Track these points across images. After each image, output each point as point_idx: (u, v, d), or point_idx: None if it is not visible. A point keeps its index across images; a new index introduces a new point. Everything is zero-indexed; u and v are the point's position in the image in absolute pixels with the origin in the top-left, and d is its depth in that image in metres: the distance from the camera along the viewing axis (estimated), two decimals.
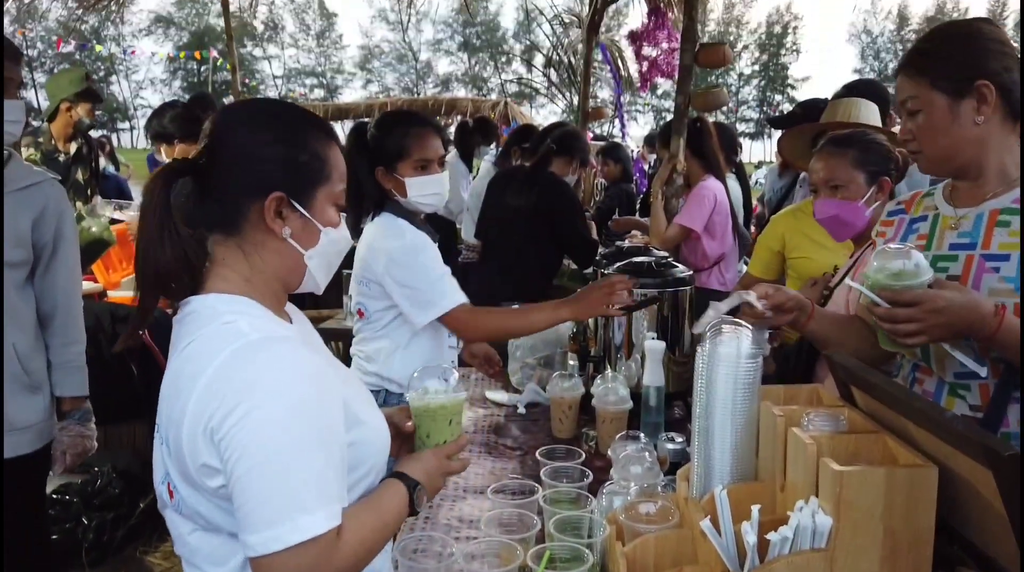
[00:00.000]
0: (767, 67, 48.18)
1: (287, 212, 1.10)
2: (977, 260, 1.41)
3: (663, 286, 2.14)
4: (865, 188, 1.89)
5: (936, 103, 1.42)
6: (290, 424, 0.98)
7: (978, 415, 1.41)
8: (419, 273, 2.00)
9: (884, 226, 1.64)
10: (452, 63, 50.00)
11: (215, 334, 1.04)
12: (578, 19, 6.39)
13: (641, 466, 1.52)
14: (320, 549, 0.97)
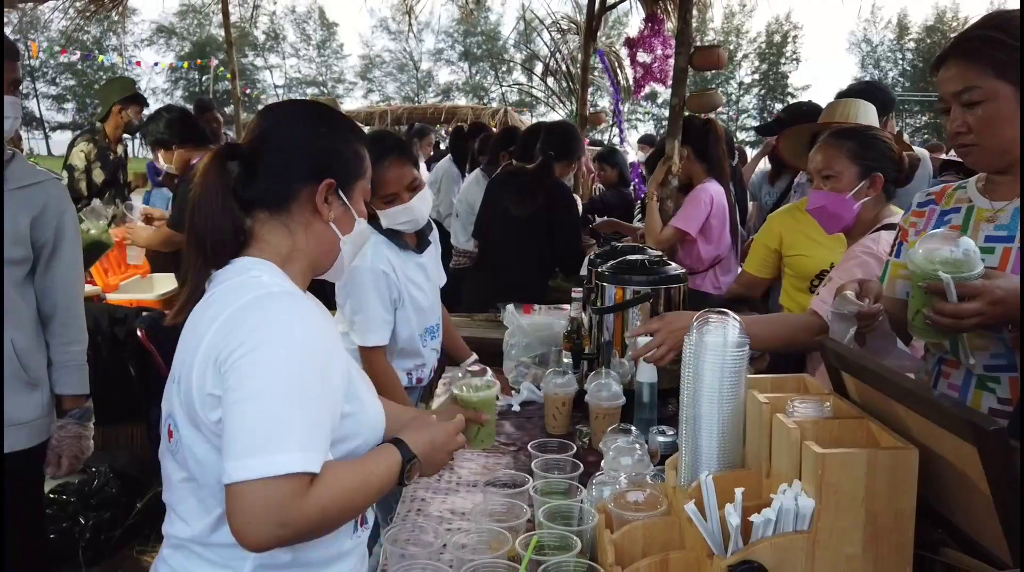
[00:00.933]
0: (767, 76, 48.35)
1: (332, 198, 1.21)
2: (1015, 253, 1.40)
3: (656, 284, 2.16)
4: (856, 181, 1.90)
5: (1002, 93, 1.35)
6: (292, 368, 1.04)
7: (1007, 408, 1.39)
8: (355, 301, 2.15)
9: (915, 217, 1.61)
10: (453, 72, 50.24)
11: (239, 284, 1.13)
12: (576, 26, 6.42)
13: (631, 457, 1.53)
14: (290, 489, 0.99)
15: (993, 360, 1.41)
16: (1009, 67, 1.34)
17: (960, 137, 1.41)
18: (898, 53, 47.53)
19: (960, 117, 1.39)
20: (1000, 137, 1.37)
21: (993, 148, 1.39)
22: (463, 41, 48.67)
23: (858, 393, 1.24)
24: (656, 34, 4.87)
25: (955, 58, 1.39)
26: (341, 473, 1.08)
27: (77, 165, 4.24)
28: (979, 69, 1.36)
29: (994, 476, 0.92)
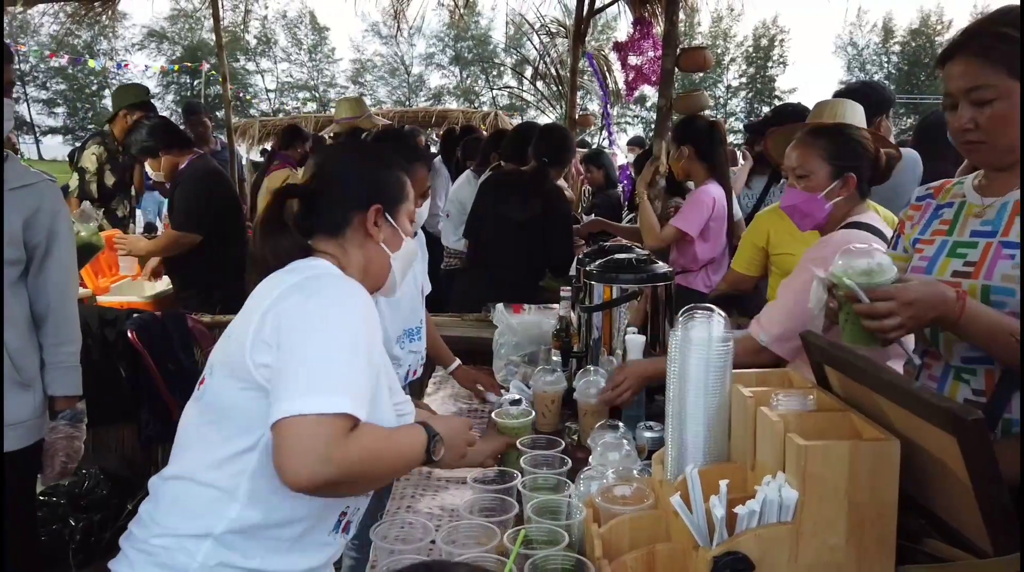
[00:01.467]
0: (754, 79, 48.58)
1: (380, 222, 1.37)
2: (995, 246, 1.41)
3: (643, 282, 2.17)
4: (828, 181, 1.90)
5: (1014, 93, 1.34)
6: (353, 324, 1.18)
7: (982, 400, 1.40)
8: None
9: (912, 210, 1.61)
10: (444, 76, 50.23)
11: (300, 267, 1.29)
12: (565, 29, 6.45)
13: (619, 453, 1.54)
14: (339, 428, 1.09)
15: (970, 352, 1.41)
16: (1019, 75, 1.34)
17: (967, 134, 1.39)
18: (883, 56, 47.84)
19: (968, 114, 1.37)
20: (1009, 136, 1.37)
21: (1000, 146, 1.39)
22: (454, 45, 48.68)
23: (841, 386, 1.26)
24: (645, 37, 4.89)
25: (968, 54, 1.37)
26: (378, 430, 1.20)
27: (88, 168, 4.32)
28: (993, 67, 1.34)
29: (973, 465, 0.93)
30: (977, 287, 1.40)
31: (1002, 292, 1.38)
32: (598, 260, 2.31)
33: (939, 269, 1.47)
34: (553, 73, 7.09)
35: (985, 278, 1.39)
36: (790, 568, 1.02)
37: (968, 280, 1.41)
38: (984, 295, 1.39)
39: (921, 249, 1.53)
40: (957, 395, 1.44)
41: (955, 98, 1.40)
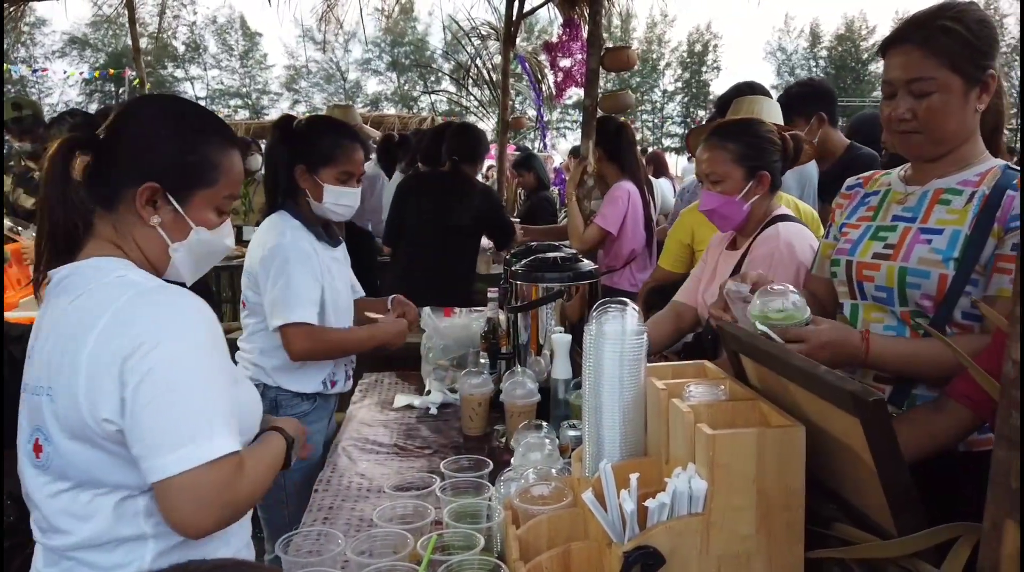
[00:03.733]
0: (690, 84, 49.59)
1: (161, 203, 1.18)
2: (913, 232, 1.44)
3: (568, 281, 2.16)
4: (743, 183, 1.92)
5: (953, 86, 1.37)
6: (195, 360, 1.07)
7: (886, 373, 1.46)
8: (281, 277, 1.99)
9: (843, 198, 1.64)
10: (381, 82, 49.76)
11: (109, 285, 1.11)
12: (496, 32, 6.44)
13: (541, 452, 1.52)
14: (230, 469, 1.05)
15: (887, 330, 1.46)
16: (965, 62, 1.37)
17: (904, 123, 1.41)
18: (811, 61, 49.43)
19: (907, 104, 1.40)
20: (944, 128, 1.40)
21: (934, 137, 1.42)
22: (391, 51, 48.31)
23: (757, 376, 1.26)
24: (574, 39, 4.93)
25: (911, 44, 1.39)
26: (256, 453, 1.18)
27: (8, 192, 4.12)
28: (934, 59, 1.36)
29: (876, 446, 0.94)
30: (895, 269, 1.43)
31: (917, 274, 1.41)
32: (524, 260, 2.29)
33: (861, 251, 1.51)
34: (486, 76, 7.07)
35: (903, 260, 1.43)
36: (701, 560, 1.01)
37: (886, 262, 1.45)
38: (901, 276, 1.42)
39: (847, 233, 1.56)
40: (868, 375, 1.48)
41: (894, 87, 1.42)
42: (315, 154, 2.08)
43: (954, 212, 1.43)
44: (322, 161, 2.08)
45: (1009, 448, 0.63)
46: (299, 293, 2.00)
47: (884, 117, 1.46)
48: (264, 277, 2.02)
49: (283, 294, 1.98)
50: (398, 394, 2.38)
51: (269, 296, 2.00)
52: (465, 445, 1.99)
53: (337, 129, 2.14)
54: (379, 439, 2.03)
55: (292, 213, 2.10)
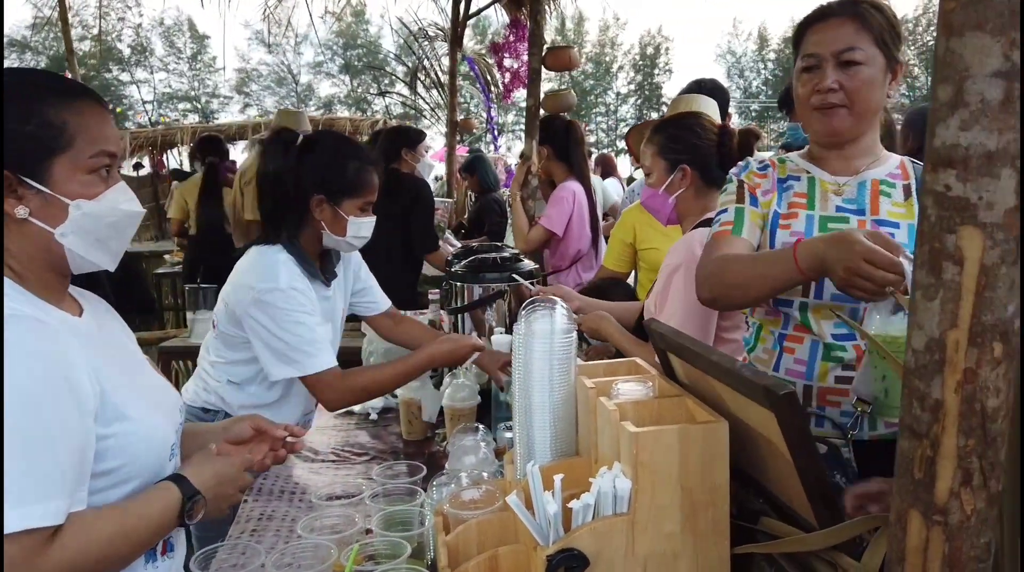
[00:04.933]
0: (642, 87, 50.17)
1: (21, 190, 1.02)
2: (870, 225, 1.42)
3: (510, 280, 2.14)
4: (665, 175, 1.92)
5: (878, 63, 1.38)
6: (16, 412, 0.91)
7: (851, 373, 1.41)
8: (284, 325, 1.76)
9: (758, 178, 1.55)
10: (334, 85, 49.24)
11: None
12: (443, 32, 6.41)
13: (475, 455, 1.49)
14: (27, 546, 0.90)
15: (838, 329, 1.43)
16: (888, 41, 1.38)
17: (831, 95, 1.39)
18: (760, 63, 50.43)
19: (834, 75, 1.38)
20: (867, 103, 1.40)
21: (859, 112, 1.41)
22: (343, 54, 47.85)
23: (684, 373, 1.25)
24: (521, 39, 4.92)
25: (842, 17, 1.39)
26: (97, 521, 0.98)
27: None
28: (866, 33, 1.37)
29: (790, 439, 0.93)
30: None
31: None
32: (464, 260, 2.26)
33: None
34: (435, 78, 7.02)
35: None
36: (627, 560, 1.00)
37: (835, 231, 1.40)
38: None
39: (788, 225, 1.49)
40: (828, 375, 1.44)
41: (819, 59, 1.40)
42: (338, 183, 1.84)
43: (899, 205, 1.44)
44: (347, 191, 1.85)
45: (912, 438, 0.62)
46: (315, 339, 1.79)
47: (805, 92, 1.43)
48: (263, 325, 1.77)
49: (297, 342, 1.77)
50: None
51: (271, 347, 1.78)
52: (405, 450, 1.95)
53: (358, 154, 1.90)
54: (316, 446, 1.97)
55: (288, 248, 1.84)
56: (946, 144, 0.57)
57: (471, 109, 27.47)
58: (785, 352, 1.49)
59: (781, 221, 1.49)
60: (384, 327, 2.18)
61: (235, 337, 1.86)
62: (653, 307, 1.89)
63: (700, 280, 1.47)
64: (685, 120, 1.98)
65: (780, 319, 1.49)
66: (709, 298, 1.47)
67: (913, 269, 0.61)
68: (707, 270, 1.46)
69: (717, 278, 1.42)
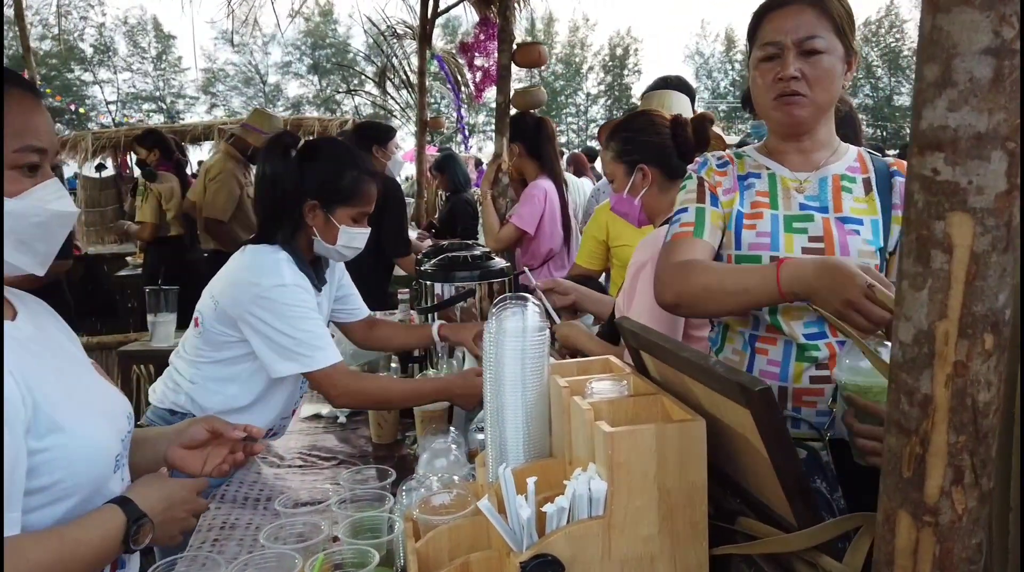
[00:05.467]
0: (612, 87, 50.42)
1: None
2: (835, 222, 1.39)
3: (480, 278, 2.10)
4: (626, 179, 1.89)
5: (837, 51, 1.35)
6: None
7: (825, 372, 1.39)
8: (290, 321, 1.74)
9: (718, 175, 1.49)
10: (303, 86, 48.74)
11: None
12: (412, 31, 6.33)
13: (446, 459, 1.45)
14: None
15: (809, 328, 1.40)
16: (846, 29, 1.36)
17: (794, 83, 1.35)
18: (728, 64, 50.97)
19: (796, 63, 1.34)
20: (828, 92, 1.37)
21: (819, 102, 1.38)
22: (312, 54, 47.39)
23: (657, 371, 1.22)
24: (491, 38, 4.87)
25: (802, 4, 1.35)
26: (32, 548, 0.91)
27: None
28: (826, 21, 1.34)
29: (766, 437, 0.90)
30: None
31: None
32: (434, 259, 2.22)
33: (785, 246, 1.40)
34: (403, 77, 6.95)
35: (842, 254, 1.36)
36: (603, 564, 0.96)
37: (824, 256, 1.36)
38: None
39: (753, 225, 1.44)
40: (802, 376, 1.41)
41: (780, 47, 1.36)
42: (334, 191, 1.83)
43: (861, 201, 1.42)
44: (341, 200, 1.84)
45: (900, 435, 0.59)
46: (322, 334, 1.79)
47: (765, 82, 1.39)
48: (267, 322, 1.73)
49: (305, 337, 1.74)
50: (305, 404, 2.26)
51: (274, 344, 1.74)
52: (374, 454, 1.90)
53: (356, 162, 1.88)
54: (283, 451, 1.92)
55: (285, 248, 1.82)
56: (933, 126, 0.54)
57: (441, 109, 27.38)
58: (758, 353, 1.45)
59: (745, 221, 1.44)
60: (359, 333, 2.13)
61: (223, 336, 1.82)
62: (623, 304, 1.86)
63: (662, 284, 1.40)
64: (635, 121, 1.96)
65: (749, 320, 1.45)
66: (672, 303, 1.39)
67: (899, 262, 0.59)
68: (669, 274, 1.38)
69: (682, 284, 1.35)
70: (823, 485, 1.24)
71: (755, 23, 1.42)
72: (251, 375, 1.85)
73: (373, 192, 1.89)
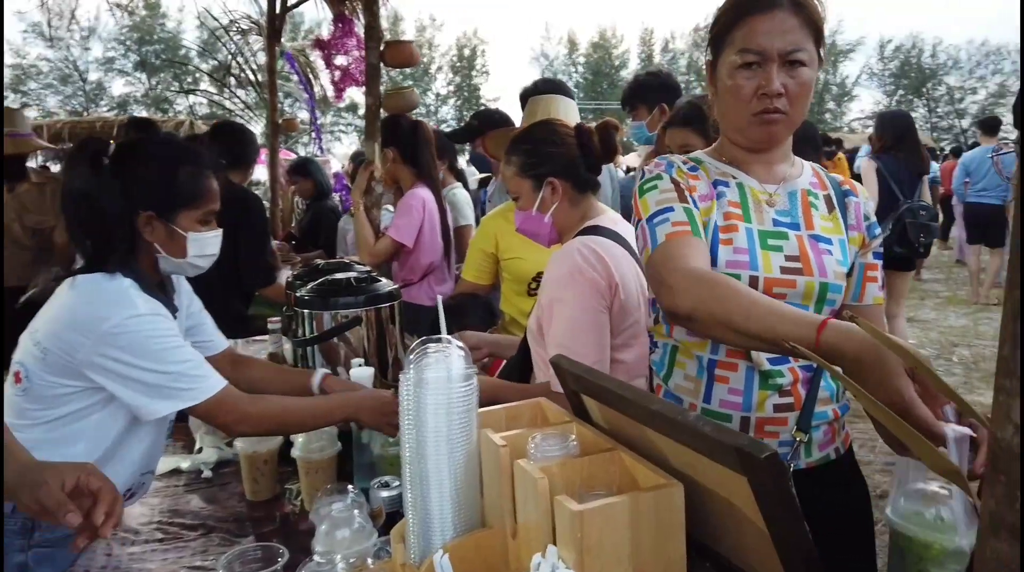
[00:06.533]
0: (461, 88, 50.52)
1: None
2: (808, 241, 1.30)
3: (366, 305, 1.88)
4: (534, 195, 1.75)
5: (815, 63, 1.25)
6: None
7: (788, 399, 1.30)
8: (157, 354, 1.47)
9: (692, 179, 1.35)
10: (129, 84, 45.03)
11: None
12: (258, 27, 5.87)
13: (349, 528, 1.23)
14: None
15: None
16: (820, 37, 1.26)
17: (778, 100, 1.24)
18: (571, 67, 52.51)
19: (780, 77, 1.23)
20: (804, 108, 1.28)
21: (795, 119, 1.28)
22: (138, 50, 43.93)
23: (603, 417, 1.07)
24: (348, 35, 4.59)
25: (785, 11, 1.23)
26: None
27: None
28: (807, 30, 1.24)
29: (768, 507, 0.78)
30: (815, 285, 1.28)
31: (836, 289, 1.31)
32: (311, 282, 1.97)
33: (764, 265, 1.28)
34: (249, 76, 6.45)
35: (821, 276, 1.29)
36: None
37: (802, 277, 1.28)
38: (822, 292, 1.29)
39: (729, 239, 1.30)
40: (765, 405, 1.31)
41: (765, 57, 1.23)
42: (169, 195, 1.55)
43: (827, 218, 1.35)
44: (181, 203, 1.56)
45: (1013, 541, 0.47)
46: (200, 361, 1.52)
47: (744, 93, 1.26)
48: (122, 357, 1.44)
49: (181, 368, 1.48)
50: (161, 457, 1.94)
51: (148, 379, 1.45)
52: (251, 516, 1.63)
53: (188, 156, 1.60)
54: (135, 521, 1.60)
55: (127, 273, 1.52)
56: None
57: (286, 109, 26.25)
58: (717, 381, 1.33)
59: (721, 235, 1.31)
60: (219, 372, 1.80)
61: (59, 388, 1.48)
62: (535, 325, 1.71)
63: (675, 290, 1.16)
64: (536, 132, 1.81)
65: (707, 342, 1.32)
66: (686, 316, 1.15)
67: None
68: (686, 281, 1.15)
69: (705, 301, 1.12)
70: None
71: (728, 24, 1.29)
72: (99, 426, 1.52)
73: (215, 186, 1.61)
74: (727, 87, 1.29)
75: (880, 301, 1.38)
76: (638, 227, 1.32)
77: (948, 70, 45.68)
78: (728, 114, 1.32)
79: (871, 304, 1.38)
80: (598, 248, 1.63)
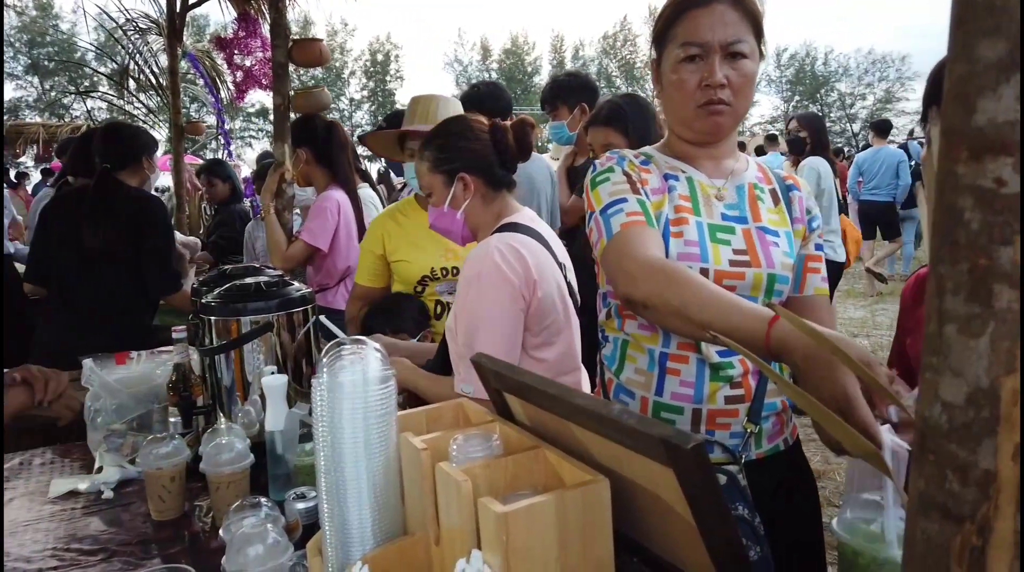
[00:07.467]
0: (375, 92, 49.91)
1: None
2: (756, 233, 1.32)
3: (278, 309, 1.80)
4: (446, 190, 1.73)
5: (756, 55, 1.27)
6: None
7: (739, 391, 1.32)
8: None
9: (644, 173, 1.35)
10: (20, 87, 42.45)
11: None
12: (157, 25, 5.59)
13: (262, 544, 1.16)
14: None
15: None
16: (759, 36, 1.29)
17: (721, 91, 1.25)
18: (485, 73, 52.69)
19: (722, 69, 1.25)
20: (748, 100, 1.30)
21: (740, 111, 1.30)
22: (29, 52, 41.48)
23: (526, 414, 1.05)
24: (252, 35, 4.43)
25: (729, 5, 1.25)
26: None
27: None
28: (747, 22, 1.27)
29: (695, 499, 0.77)
30: (763, 276, 1.31)
31: (783, 280, 1.33)
32: (218, 288, 1.87)
33: (714, 257, 1.30)
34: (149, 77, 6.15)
35: (768, 267, 1.31)
36: None
37: (750, 269, 1.30)
38: (770, 283, 1.31)
39: (680, 232, 1.31)
40: (717, 397, 1.32)
41: (707, 49, 1.25)
42: None
43: (773, 211, 1.38)
44: None
45: (947, 522, 0.47)
46: None
47: (688, 87, 1.27)
48: None
49: None
50: (55, 478, 1.80)
51: None
52: (156, 537, 1.52)
53: None
54: (27, 550, 1.48)
55: None
56: (996, 122, 0.41)
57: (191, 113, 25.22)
58: (669, 374, 1.33)
59: (672, 228, 1.32)
60: None
61: None
62: (453, 322, 1.67)
63: (630, 278, 1.17)
64: (450, 127, 1.78)
65: (659, 335, 1.33)
66: (640, 303, 1.15)
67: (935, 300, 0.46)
68: (642, 270, 1.16)
69: (660, 288, 1.12)
70: (744, 511, 1.16)
71: (670, 20, 1.31)
72: None
73: None
74: (671, 81, 1.31)
75: (823, 291, 1.41)
76: (591, 220, 1.33)
77: (839, 77, 48.28)
78: (674, 108, 1.34)
79: (813, 294, 1.40)
80: (517, 245, 1.61)
